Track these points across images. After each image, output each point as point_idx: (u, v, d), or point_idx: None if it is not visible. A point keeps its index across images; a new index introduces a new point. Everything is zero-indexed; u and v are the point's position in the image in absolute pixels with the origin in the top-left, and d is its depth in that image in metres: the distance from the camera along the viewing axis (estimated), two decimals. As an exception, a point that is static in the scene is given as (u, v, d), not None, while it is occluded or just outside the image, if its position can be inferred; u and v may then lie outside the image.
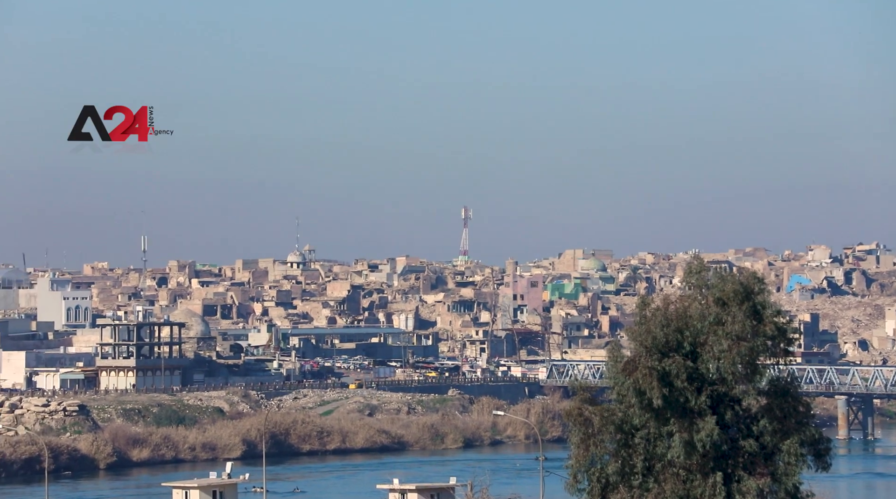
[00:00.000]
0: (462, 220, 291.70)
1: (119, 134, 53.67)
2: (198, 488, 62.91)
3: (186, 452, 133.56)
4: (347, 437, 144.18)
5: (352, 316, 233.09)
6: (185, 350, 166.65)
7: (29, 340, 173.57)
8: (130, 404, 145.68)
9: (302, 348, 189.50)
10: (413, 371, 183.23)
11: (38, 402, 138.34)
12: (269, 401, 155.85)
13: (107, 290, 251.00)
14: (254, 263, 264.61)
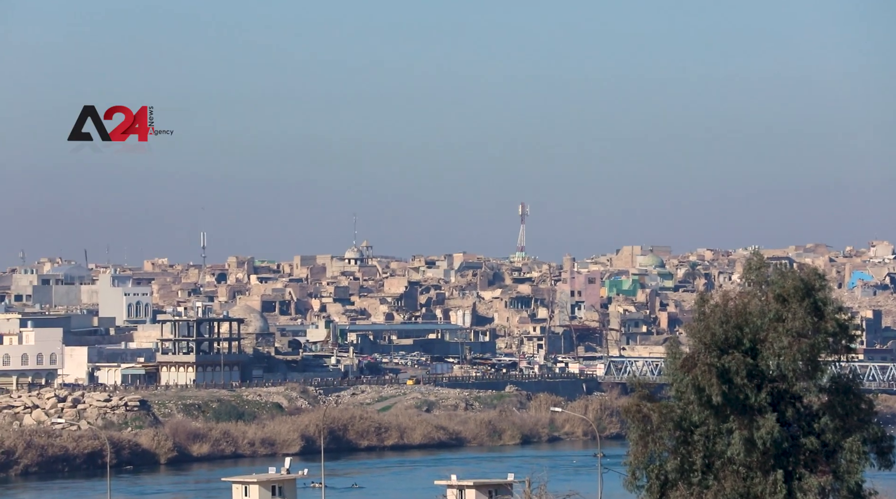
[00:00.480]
0: (519, 216, 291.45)
1: (119, 134, 53.74)
2: (257, 484, 63.30)
3: (246, 447, 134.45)
4: (405, 433, 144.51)
5: (409, 312, 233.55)
6: (243, 346, 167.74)
7: (91, 335, 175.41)
8: (190, 399, 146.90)
9: (359, 344, 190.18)
10: (470, 367, 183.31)
11: (100, 397, 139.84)
12: (327, 397, 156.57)
13: (167, 286, 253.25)
14: (312, 260, 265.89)
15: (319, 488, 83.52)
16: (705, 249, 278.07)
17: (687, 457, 33.62)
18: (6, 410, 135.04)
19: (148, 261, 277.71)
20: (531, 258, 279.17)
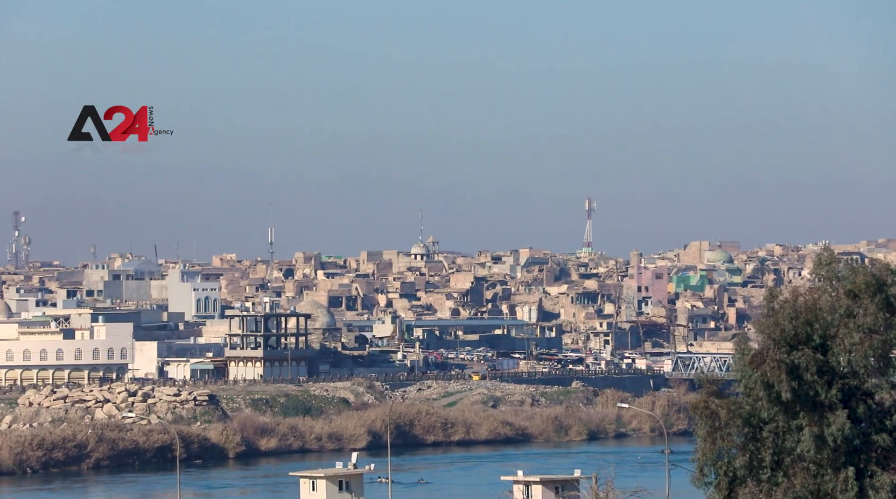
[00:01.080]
0: (586, 211, 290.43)
1: (119, 134, 53.86)
2: (324, 478, 63.53)
3: (313, 442, 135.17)
4: (471, 428, 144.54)
5: (475, 308, 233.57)
6: (310, 341, 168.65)
7: (160, 330, 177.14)
8: (258, 394, 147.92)
9: (426, 340, 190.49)
10: (536, 363, 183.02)
11: (170, 391, 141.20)
12: (393, 392, 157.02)
13: (235, 281, 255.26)
14: (378, 255, 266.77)
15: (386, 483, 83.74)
16: (775, 244, 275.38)
17: (756, 454, 33.33)
18: (78, 404, 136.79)
19: (216, 256, 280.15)
20: (598, 254, 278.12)
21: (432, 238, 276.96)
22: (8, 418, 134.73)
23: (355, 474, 64.49)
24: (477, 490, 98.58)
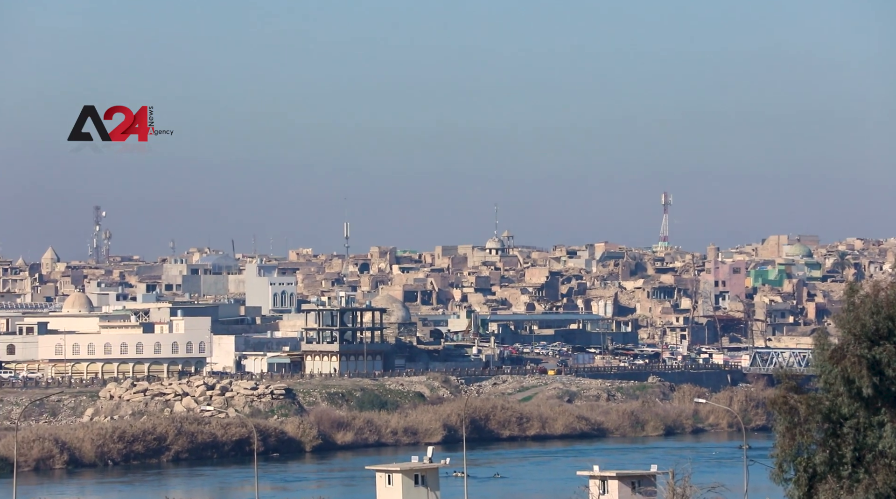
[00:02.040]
0: (662, 205, 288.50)
1: (119, 134, 53.94)
2: (400, 472, 63.64)
3: (388, 436, 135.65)
4: (547, 423, 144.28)
5: (550, 302, 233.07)
6: (386, 335, 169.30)
7: (238, 324, 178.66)
8: (334, 388, 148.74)
9: (501, 334, 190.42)
10: (612, 358, 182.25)
11: (247, 385, 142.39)
12: (468, 386, 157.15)
13: (311, 276, 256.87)
14: (453, 250, 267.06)
15: (461, 477, 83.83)
16: (855, 238, 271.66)
17: (836, 450, 32.92)
18: (158, 397, 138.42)
19: (293, 251, 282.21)
20: (674, 248, 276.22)
21: (507, 233, 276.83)
22: (90, 411, 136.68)
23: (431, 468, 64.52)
24: (552, 485, 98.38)
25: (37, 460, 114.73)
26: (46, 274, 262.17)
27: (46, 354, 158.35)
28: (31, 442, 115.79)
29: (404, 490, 63.43)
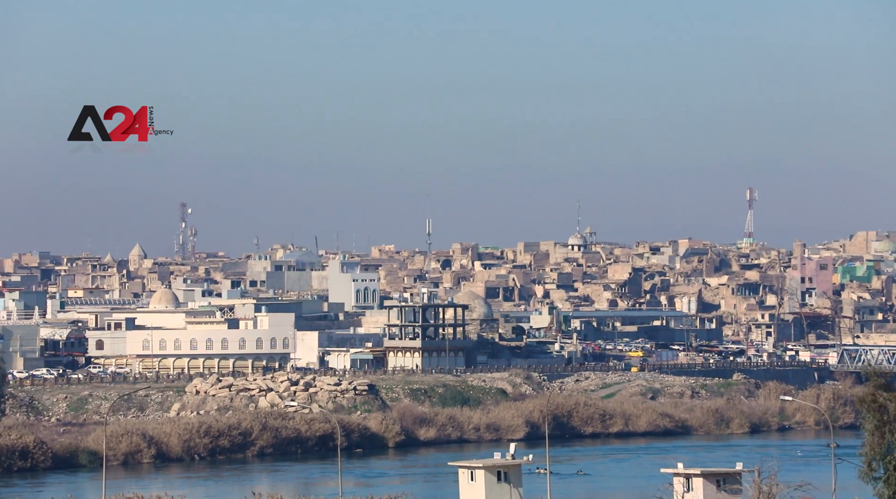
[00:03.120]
0: (747, 201, 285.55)
1: (119, 134, 53.91)
2: (483, 469, 63.56)
3: (471, 432, 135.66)
4: (630, 420, 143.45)
5: (633, 299, 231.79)
6: (468, 332, 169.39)
7: (321, 320, 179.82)
8: (417, 384, 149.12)
9: (583, 331, 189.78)
10: (696, 355, 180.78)
11: (331, 381, 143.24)
12: (550, 383, 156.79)
13: (393, 272, 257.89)
14: (535, 246, 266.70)
15: (544, 474, 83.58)
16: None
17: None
18: (242, 392, 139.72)
19: (375, 247, 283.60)
20: (759, 244, 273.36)
21: (590, 229, 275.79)
22: (176, 406, 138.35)
23: (513, 464, 64.37)
24: (636, 482, 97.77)
25: (125, 454, 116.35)
26: (134, 270, 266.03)
27: (134, 350, 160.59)
28: (120, 436, 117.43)
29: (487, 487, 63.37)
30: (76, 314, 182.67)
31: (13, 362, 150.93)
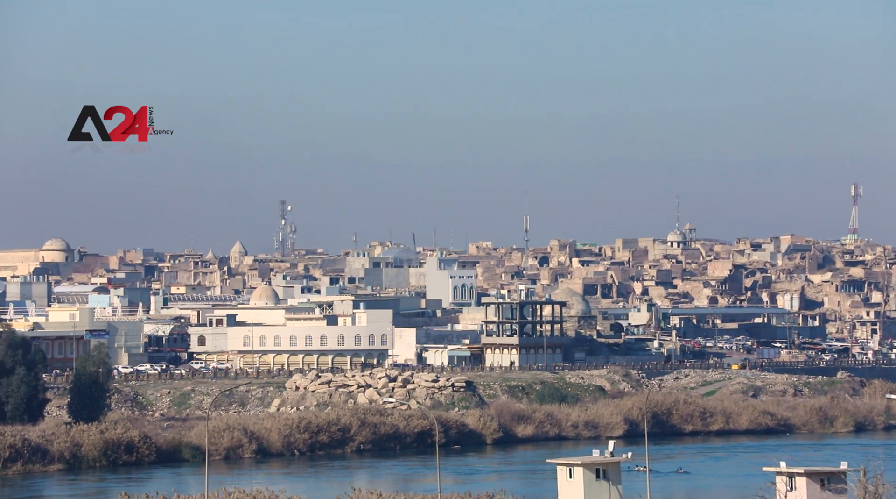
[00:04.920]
0: (851, 197, 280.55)
1: (119, 134, 53.88)
2: (581, 466, 63.09)
3: (569, 429, 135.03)
4: (731, 418, 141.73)
5: (733, 296, 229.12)
6: (566, 329, 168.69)
7: (419, 317, 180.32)
8: (514, 381, 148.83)
9: (682, 328, 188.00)
10: (798, 352, 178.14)
11: (429, 377, 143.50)
12: (649, 380, 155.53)
13: (490, 269, 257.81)
14: (633, 243, 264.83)
15: (644, 471, 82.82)
16: None
17: None
18: (341, 388, 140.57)
19: (472, 244, 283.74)
20: (864, 240, 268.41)
21: (689, 225, 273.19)
22: (276, 402, 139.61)
23: (612, 462, 63.81)
24: (738, 481, 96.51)
25: (227, 449, 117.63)
26: (235, 267, 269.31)
27: (235, 346, 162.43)
28: (222, 431, 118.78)
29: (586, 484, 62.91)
30: (179, 310, 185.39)
31: (118, 358, 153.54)
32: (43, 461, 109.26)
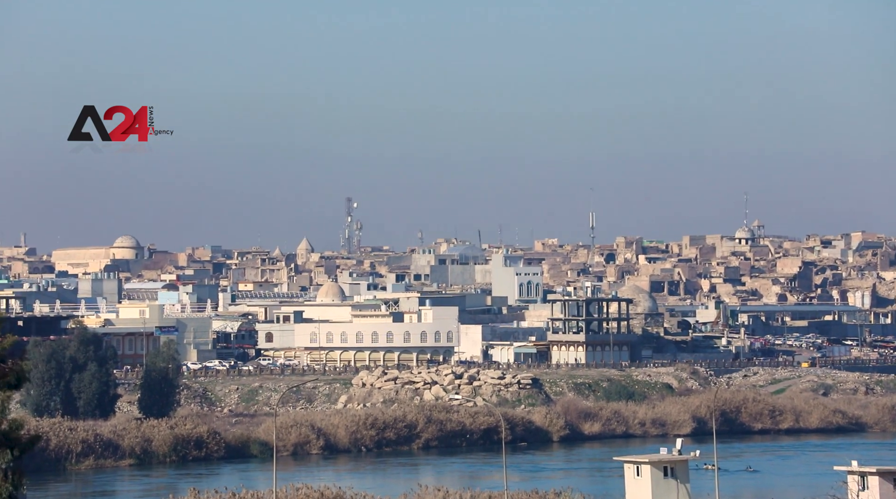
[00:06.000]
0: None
1: (119, 134, 53.82)
2: (649, 464, 62.78)
3: (636, 427, 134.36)
4: (800, 416, 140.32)
5: (803, 293, 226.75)
6: (632, 326, 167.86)
7: (484, 314, 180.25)
8: (580, 378, 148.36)
9: (751, 326, 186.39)
10: (870, 350, 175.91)
11: (494, 374, 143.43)
12: (717, 378, 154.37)
13: (556, 266, 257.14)
14: (701, 240, 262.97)
15: (712, 470, 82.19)
16: None
17: None
18: (408, 385, 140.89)
19: (538, 241, 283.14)
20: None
21: (757, 222, 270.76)
22: (343, 398, 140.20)
23: (680, 460, 63.44)
24: (808, 480, 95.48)
25: (294, 445, 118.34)
26: (301, 264, 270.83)
27: (302, 342, 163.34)
28: (289, 428, 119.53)
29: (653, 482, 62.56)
30: (246, 307, 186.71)
31: (187, 354, 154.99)
32: (114, 456, 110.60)
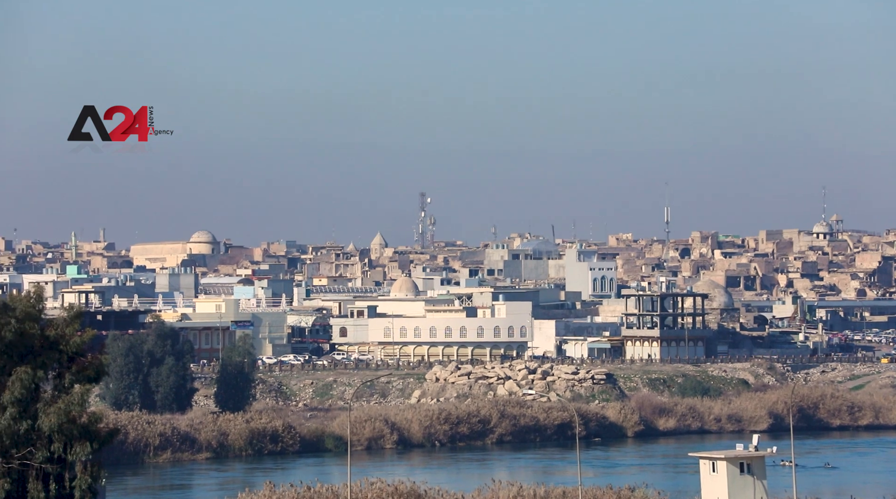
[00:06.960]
0: None
1: (119, 134, 53.94)
2: (725, 460, 62.30)
3: (711, 423, 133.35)
4: (880, 413, 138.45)
5: (883, 288, 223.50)
6: (707, 321, 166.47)
7: (558, 309, 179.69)
8: (655, 373, 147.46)
9: (829, 321, 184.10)
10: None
11: (568, 369, 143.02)
12: (795, 374, 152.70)
13: (631, 261, 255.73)
14: (778, 234, 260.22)
15: (790, 466, 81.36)
16: None
17: None
18: (481, 380, 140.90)
19: (612, 236, 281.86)
20: None
21: (836, 216, 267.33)
22: (417, 393, 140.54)
23: (757, 456, 62.87)
24: (888, 477, 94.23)
25: (368, 439, 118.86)
26: (375, 259, 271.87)
27: (376, 337, 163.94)
28: (364, 422, 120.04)
29: (729, 478, 62.06)
30: (321, 302, 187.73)
31: (262, 349, 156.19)
32: (191, 450, 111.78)
